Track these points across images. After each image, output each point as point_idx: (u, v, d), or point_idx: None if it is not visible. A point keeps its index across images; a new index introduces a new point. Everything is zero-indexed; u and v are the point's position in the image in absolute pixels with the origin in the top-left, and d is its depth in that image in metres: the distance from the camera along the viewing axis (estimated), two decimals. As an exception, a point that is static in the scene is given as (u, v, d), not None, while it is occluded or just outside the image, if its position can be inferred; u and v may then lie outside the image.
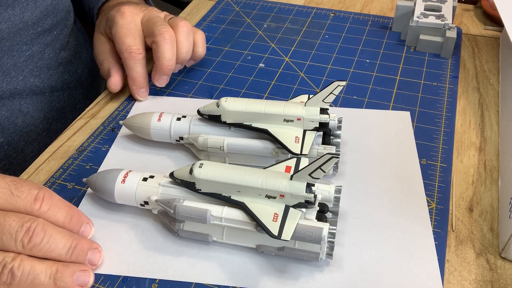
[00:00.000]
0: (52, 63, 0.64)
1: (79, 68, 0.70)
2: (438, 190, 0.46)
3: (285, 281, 0.39)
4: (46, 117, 0.64)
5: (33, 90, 0.62)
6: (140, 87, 0.57)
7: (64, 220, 0.37)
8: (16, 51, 0.58)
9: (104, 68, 0.58)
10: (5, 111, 0.59)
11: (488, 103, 0.57)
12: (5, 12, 0.54)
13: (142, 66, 0.56)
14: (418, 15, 0.64)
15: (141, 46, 0.56)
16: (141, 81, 0.56)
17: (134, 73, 0.55)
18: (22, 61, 0.59)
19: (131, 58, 0.55)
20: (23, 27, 0.57)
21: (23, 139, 0.62)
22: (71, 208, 0.38)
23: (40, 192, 0.36)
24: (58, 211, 0.37)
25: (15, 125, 0.61)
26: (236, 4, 0.78)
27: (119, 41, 0.55)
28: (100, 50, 0.59)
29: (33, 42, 0.60)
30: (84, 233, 0.39)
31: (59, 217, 0.37)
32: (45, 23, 0.61)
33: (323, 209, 0.39)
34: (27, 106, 0.61)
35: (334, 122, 0.47)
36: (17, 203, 0.35)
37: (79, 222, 0.38)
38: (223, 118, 0.47)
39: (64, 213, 0.37)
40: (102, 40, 0.60)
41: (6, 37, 0.55)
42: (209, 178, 0.39)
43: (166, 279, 0.39)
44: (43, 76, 0.63)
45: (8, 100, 0.59)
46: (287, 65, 0.64)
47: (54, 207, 0.36)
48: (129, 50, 0.55)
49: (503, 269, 0.40)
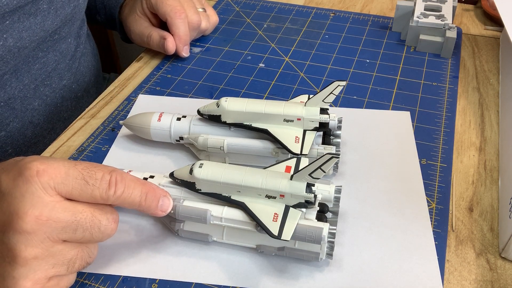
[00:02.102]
0: (63, 72, 0.65)
1: (87, 76, 0.71)
2: (438, 190, 0.46)
3: (285, 281, 0.39)
4: (53, 127, 0.65)
5: (45, 101, 0.62)
6: (185, 44, 0.64)
7: (140, 199, 0.37)
8: (31, 57, 0.58)
9: (154, 38, 0.64)
10: (17, 123, 0.60)
11: (488, 103, 0.57)
12: (27, 21, 0.54)
13: (186, 25, 0.63)
14: (418, 15, 0.64)
15: (182, 6, 0.63)
16: (186, 39, 0.64)
17: (181, 32, 0.63)
18: (36, 68, 0.60)
19: (177, 17, 0.62)
20: (43, 36, 0.58)
21: (31, 149, 0.62)
22: (144, 185, 0.37)
23: (112, 176, 0.35)
24: (133, 191, 0.36)
25: (25, 137, 0.61)
26: (236, 4, 0.78)
27: (162, 4, 0.62)
28: (143, 27, 0.66)
29: (48, 50, 0.61)
30: (163, 207, 0.38)
31: (134, 196, 0.36)
32: (62, 31, 0.62)
33: (323, 209, 0.39)
34: (39, 117, 0.62)
35: (334, 122, 0.47)
36: (93, 193, 0.34)
37: (155, 198, 0.38)
38: (223, 118, 0.47)
39: (139, 192, 0.36)
40: (142, 19, 0.66)
41: (27, 46, 0.56)
42: (209, 178, 0.39)
43: (166, 279, 0.39)
44: (55, 85, 0.64)
45: (20, 112, 0.59)
46: (287, 65, 0.64)
47: (128, 188, 0.36)
48: (174, 10, 0.62)
49: (503, 269, 0.40)
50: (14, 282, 0.33)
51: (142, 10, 0.66)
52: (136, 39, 0.68)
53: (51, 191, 0.33)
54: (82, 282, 0.39)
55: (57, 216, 0.33)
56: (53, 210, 0.33)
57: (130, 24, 0.67)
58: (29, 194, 0.33)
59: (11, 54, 0.54)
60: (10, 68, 0.56)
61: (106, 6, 0.73)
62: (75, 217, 0.34)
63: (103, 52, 1.42)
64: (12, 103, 0.58)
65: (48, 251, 0.33)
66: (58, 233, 0.33)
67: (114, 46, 1.45)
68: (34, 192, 0.33)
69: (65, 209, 0.33)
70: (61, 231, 0.33)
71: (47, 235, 0.33)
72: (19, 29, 0.53)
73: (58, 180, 0.33)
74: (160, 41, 0.63)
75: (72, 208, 0.34)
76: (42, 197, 0.33)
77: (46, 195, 0.33)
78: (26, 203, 0.32)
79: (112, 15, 0.72)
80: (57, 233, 0.33)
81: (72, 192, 0.34)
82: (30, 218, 0.32)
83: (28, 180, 0.33)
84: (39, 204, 0.33)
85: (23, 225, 0.32)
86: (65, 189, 0.34)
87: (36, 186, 0.33)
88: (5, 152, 0.59)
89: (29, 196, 0.33)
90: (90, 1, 0.74)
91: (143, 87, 0.61)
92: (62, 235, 0.34)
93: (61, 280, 0.35)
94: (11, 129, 0.59)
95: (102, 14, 0.74)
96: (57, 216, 0.33)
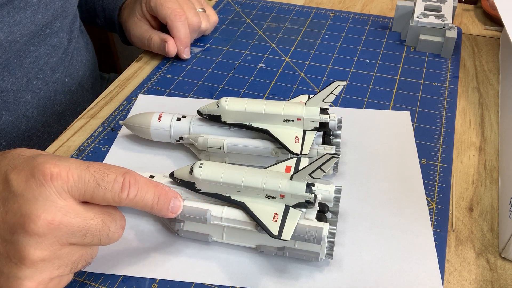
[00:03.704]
0: (56, 66, 0.65)
1: (80, 71, 0.71)
2: (438, 190, 0.46)
3: (285, 281, 0.39)
4: (47, 121, 0.65)
5: (38, 94, 0.62)
6: (186, 46, 0.64)
7: (152, 201, 0.36)
8: (23, 51, 0.58)
9: (155, 41, 0.64)
10: (10, 115, 0.59)
11: (488, 103, 0.57)
12: (17, 15, 0.54)
13: (186, 27, 0.63)
14: (418, 15, 0.64)
15: (182, 9, 0.63)
16: (187, 41, 0.64)
17: (181, 34, 0.63)
18: (28, 62, 0.60)
19: (177, 20, 0.62)
20: (34, 30, 0.58)
21: (24, 143, 0.62)
22: (157, 187, 0.37)
23: (125, 178, 0.35)
24: (146, 194, 0.36)
25: (18, 130, 0.61)
26: (236, 4, 0.78)
27: (162, 7, 0.62)
28: (143, 29, 0.66)
29: (40, 44, 0.61)
30: (174, 209, 0.38)
31: (147, 199, 0.36)
32: (54, 25, 0.62)
33: (323, 209, 0.39)
34: (32, 110, 0.62)
35: (334, 122, 0.47)
36: (105, 195, 0.34)
37: (167, 200, 0.37)
38: (223, 118, 0.47)
39: (152, 195, 0.36)
40: (141, 22, 0.66)
41: (18, 40, 0.56)
42: (209, 178, 0.39)
43: (166, 279, 0.39)
44: (48, 79, 0.63)
45: (13, 105, 0.59)
46: (287, 65, 0.64)
47: (141, 191, 0.36)
48: (174, 13, 0.62)
49: (503, 269, 0.40)
50: (19, 282, 0.33)
51: (142, 13, 0.66)
52: (137, 42, 0.68)
53: (65, 195, 0.33)
54: (82, 282, 0.40)
55: (69, 221, 0.33)
56: (66, 215, 0.33)
57: (130, 27, 0.67)
58: (42, 198, 0.32)
59: (2, 48, 0.54)
60: (2, 62, 0.56)
61: (105, 9, 0.73)
62: (86, 223, 0.34)
63: (103, 52, 1.42)
64: (4, 96, 0.58)
65: (55, 253, 0.33)
66: (67, 237, 0.33)
67: (114, 46, 1.45)
68: (48, 196, 0.33)
69: (77, 214, 0.33)
70: (71, 235, 0.33)
71: (57, 239, 0.33)
72: (10, 23, 0.53)
73: (71, 184, 0.33)
74: (161, 44, 0.64)
75: (84, 213, 0.34)
76: (55, 201, 0.33)
77: (60, 199, 0.33)
78: (39, 207, 0.32)
79: (111, 18, 0.72)
80: (67, 237, 0.33)
81: (84, 194, 0.34)
82: (42, 222, 0.32)
83: (42, 183, 0.33)
84: (52, 209, 0.32)
85: (35, 228, 0.32)
86: (78, 192, 0.34)
87: (50, 190, 0.33)
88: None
89: (42, 200, 0.32)
90: (89, 5, 0.75)
91: (143, 87, 0.61)
92: (71, 239, 0.34)
93: (62, 280, 0.35)
94: (4, 122, 0.59)
95: (101, 17, 0.74)
96: (69, 221, 0.33)
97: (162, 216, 0.38)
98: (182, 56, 0.65)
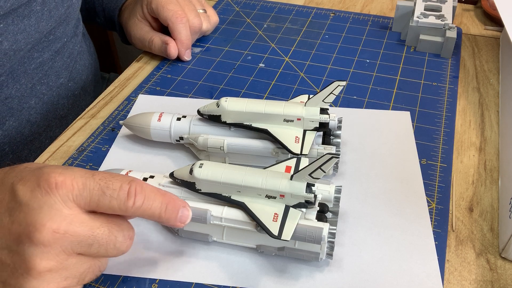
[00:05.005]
0: (60, 70, 0.65)
1: (83, 74, 0.71)
2: (438, 190, 0.46)
3: (285, 281, 0.39)
4: (49, 125, 0.65)
5: (42, 99, 0.62)
6: (187, 48, 0.64)
7: (160, 210, 0.36)
8: (27, 58, 0.58)
9: (156, 43, 0.64)
10: (13, 121, 0.59)
11: (488, 103, 0.57)
12: (21, 23, 0.54)
13: (187, 29, 0.63)
14: (418, 15, 0.64)
15: (183, 11, 0.63)
16: (188, 43, 0.64)
17: (183, 36, 0.63)
18: (32, 68, 0.60)
19: (178, 22, 0.62)
20: (38, 37, 0.58)
21: (27, 147, 0.62)
22: (164, 196, 0.36)
23: (131, 186, 0.34)
24: (153, 202, 0.35)
25: (22, 135, 0.61)
26: (236, 4, 0.78)
27: (163, 10, 0.62)
28: (144, 31, 0.66)
29: (44, 50, 0.61)
30: (182, 219, 0.37)
31: (154, 208, 0.35)
32: (58, 31, 0.62)
33: (323, 209, 0.39)
34: (36, 115, 0.62)
35: (334, 122, 0.47)
36: (110, 203, 0.34)
37: (175, 209, 0.36)
38: (223, 118, 0.47)
39: (159, 203, 0.35)
40: (142, 24, 0.66)
41: (23, 48, 0.56)
42: (209, 178, 0.39)
43: (166, 279, 0.39)
44: (52, 84, 0.63)
45: (17, 110, 0.59)
46: (287, 65, 0.64)
47: (147, 200, 0.35)
48: (175, 15, 0.62)
49: (503, 269, 0.40)
50: None
51: (143, 14, 0.66)
52: (137, 43, 0.68)
53: (70, 204, 0.33)
54: (82, 282, 0.39)
55: (74, 230, 0.33)
56: (71, 224, 0.33)
57: (130, 28, 0.67)
58: (47, 207, 0.32)
59: (7, 57, 0.54)
60: (6, 70, 0.56)
61: (105, 9, 0.73)
62: (92, 232, 0.33)
63: (103, 52, 1.42)
64: (9, 103, 0.58)
65: (62, 264, 0.33)
66: (73, 247, 0.33)
67: (114, 46, 1.45)
68: (53, 205, 0.32)
69: (82, 223, 0.33)
70: (77, 245, 0.33)
71: (63, 249, 0.33)
72: (14, 32, 0.53)
73: (76, 192, 0.33)
74: (162, 46, 0.64)
75: (90, 222, 0.34)
76: (60, 210, 0.32)
77: (65, 207, 0.33)
78: (44, 216, 0.32)
79: (111, 18, 0.72)
80: (73, 246, 0.33)
81: (90, 203, 0.33)
82: (47, 231, 0.32)
83: (47, 192, 0.32)
84: (57, 217, 0.32)
85: (40, 238, 0.32)
86: (83, 201, 0.33)
87: (55, 199, 0.32)
88: (2, 151, 0.59)
89: (47, 209, 0.32)
90: (89, 4, 0.75)
91: (143, 87, 0.61)
92: (78, 249, 0.33)
93: None
94: (8, 128, 0.59)
95: (101, 17, 0.74)
96: (74, 230, 0.33)
97: (170, 225, 0.37)
98: (183, 58, 0.65)
